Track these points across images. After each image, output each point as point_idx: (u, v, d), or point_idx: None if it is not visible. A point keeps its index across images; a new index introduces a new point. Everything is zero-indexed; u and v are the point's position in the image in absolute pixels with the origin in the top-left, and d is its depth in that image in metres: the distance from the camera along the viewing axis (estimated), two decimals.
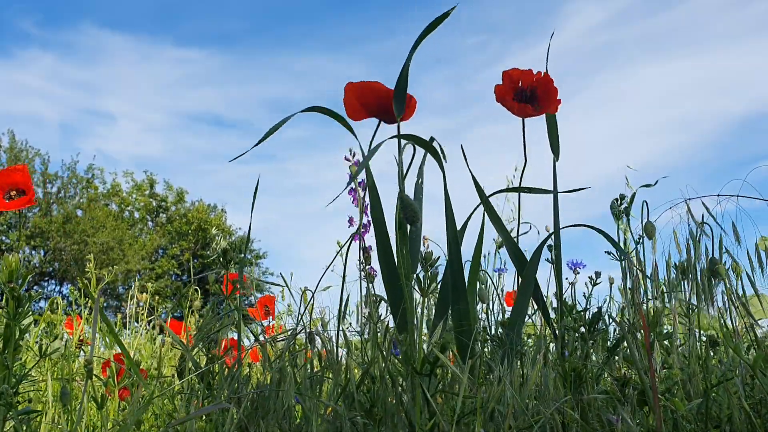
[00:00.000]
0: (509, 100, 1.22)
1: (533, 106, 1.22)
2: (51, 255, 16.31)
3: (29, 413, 0.86)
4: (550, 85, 1.21)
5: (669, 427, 0.87)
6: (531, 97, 1.22)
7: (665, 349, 1.05)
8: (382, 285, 1.07)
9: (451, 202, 1.11)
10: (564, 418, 0.90)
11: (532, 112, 1.22)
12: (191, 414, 0.88)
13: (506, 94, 1.23)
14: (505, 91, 1.23)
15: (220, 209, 19.71)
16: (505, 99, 1.23)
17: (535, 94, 1.22)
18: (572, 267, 1.60)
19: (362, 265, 1.23)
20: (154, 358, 2.00)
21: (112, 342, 1.83)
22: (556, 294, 1.13)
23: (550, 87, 1.21)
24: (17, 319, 0.82)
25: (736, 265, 1.20)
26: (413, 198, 1.16)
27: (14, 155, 16.37)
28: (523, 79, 1.22)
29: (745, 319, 1.06)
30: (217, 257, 1.11)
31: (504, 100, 1.23)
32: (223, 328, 1.06)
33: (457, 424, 0.82)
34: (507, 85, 1.23)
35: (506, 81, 1.23)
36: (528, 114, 1.23)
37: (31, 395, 1.44)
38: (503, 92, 1.23)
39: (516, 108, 1.22)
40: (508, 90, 1.23)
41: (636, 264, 1.15)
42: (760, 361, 0.88)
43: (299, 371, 1.02)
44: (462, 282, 1.06)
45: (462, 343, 1.03)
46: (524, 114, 1.23)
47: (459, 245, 1.09)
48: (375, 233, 1.06)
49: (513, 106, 1.22)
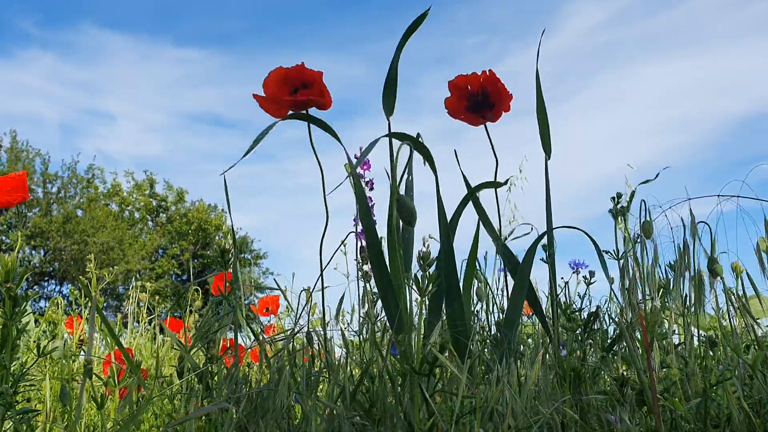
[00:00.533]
0: (462, 112, 1.19)
1: (488, 108, 1.18)
2: (51, 255, 16.32)
3: (28, 413, 0.86)
4: (497, 82, 1.17)
5: (668, 427, 0.87)
6: (483, 99, 1.18)
7: (664, 349, 1.05)
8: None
9: (443, 201, 1.11)
10: (563, 418, 0.90)
11: (491, 119, 1.19)
12: (191, 414, 0.88)
13: (458, 106, 1.19)
14: (456, 102, 1.19)
15: (220, 209, 19.72)
16: (457, 112, 1.19)
17: (486, 93, 1.18)
18: (574, 267, 1.60)
19: (360, 264, 1.23)
20: (154, 358, 2.00)
21: (112, 342, 1.83)
22: (549, 294, 1.13)
23: (498, 85, 1.17)
24: (14, 318, 0.82)
25: (737, 264, 1.20)
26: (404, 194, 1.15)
27: (15, 155, 16.37)
28: (470, 83, 1.18)
29: (745, 318, 1.06)
30: (217, 257, 1.11)
31: (457, 113, 1.20)
32: (222, 328, 1.06)
33: (455, 424, 0.82)
34: (456, 94, 1.19)
35: (454, 92, 1.19)
36: (482, 122, 1.20)
37: (30, 395, 1.44)
38: (454, 105, 1.19)
39: (472, 119, 1.19)
40: (458, 100, 1.19)
41: (634, 264, 1.15)
42: (760, 360, 0.88)
43: (298, 371, 1.02)
44: (456, 281, 1.05)
45: (458, 344, 1.02)
46: (479, 123, 1.20)
47: (451, 244, 1.09)
48: (366, 238, 1.04)
49: (468, 118, 1.19)
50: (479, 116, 1.20)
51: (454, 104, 1.20)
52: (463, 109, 1.20)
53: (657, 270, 1.09)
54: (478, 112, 1.20)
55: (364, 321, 1.15)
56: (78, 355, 1.69)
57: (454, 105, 1.20)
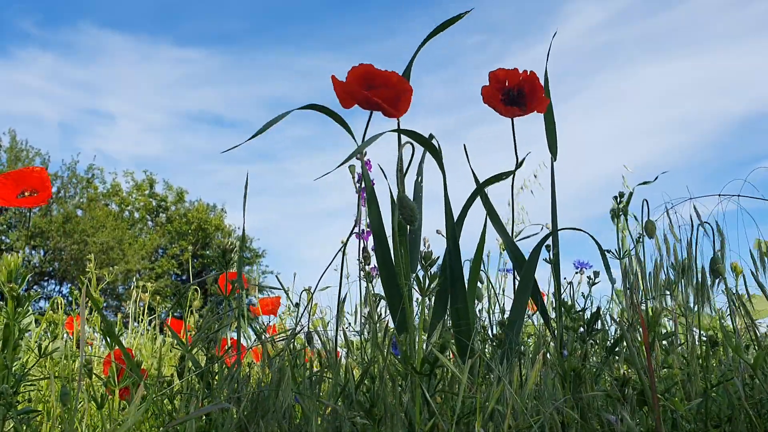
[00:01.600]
0: (497, 102, 1.23)
1: (521, 105, 1.22)
2: (51, 255, 16.31)
3: (29, 413, 0.86)
4: (536, 83, 1.21)
5: (668, 426, 0.87)
6: (518, 96, 1.23)
7: (665, 349, 1.05)
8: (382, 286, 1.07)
9: (450, 201, 1.11)
10: (563, 417, 0.90)
11: (520, 113, 1.23)
12: (191, 414, 0.88)
13: (493, 96, 1.23)
14: (492, 92, 1.23)
15: (219, 209, 19.72)
16: (492, 101, 1.23)
17: (522, 93, 1.22)
18: (578, 267, 1.60)
19: (362, 264, 1.23)
20: (154, 357, 2.00)
21: (113, 342, 1.83)
22: (554, 294, 1.13)
23: (536, 85, 1.21)
24: (16, 318, 0.82)
25: (737, 264, 1.20)
26: (413, 197, 1.15)
27: (15, 155, 16.36)
28: (509, 78, 1.22)
29: (745, 318, 1.06)
30: (217, 257, 1.11)
31: (491, 101, 1.23)
32: (222, 327, 1.06)
33: (456, 424, 0.82)
34: (494, 86, 1.23)
35: (493, 82, 1.23)
36: (515, 115, 1.23)
37: (31, 395, 1.44)
38: (490, 94, 1.23)
39: (503, 110, 1.23)
40: (495, 91, 1.23)
41: (635, 263, 1.15)
42: (761, 360, 0.88)
43: (299, 371, 1.02)
44: (461, 281, 1.06)
45: (461, 343, 1.03)
46: (512, 115, 1.24)
47: (457, 244, 1.09)
48: (373, 236, 1.06)
49: (500, 108, 1.23)
50: (511, 108, 1.23)
51: (489, 93, 1.24)
52: (498, 99, 1.23)
53: (662, 270, 1.09)
54: (511, 105, 1.24)
55: (365, 321, 1.15)
56: (78, 355, 1.68)
57: (490, 94, 1.24)
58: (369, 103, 1.08)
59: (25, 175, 1.51)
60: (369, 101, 1.07)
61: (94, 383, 1.32)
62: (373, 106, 1.09)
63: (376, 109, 1.10)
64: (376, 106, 1.09)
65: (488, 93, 1.23)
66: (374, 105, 1.08)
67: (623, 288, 1.11)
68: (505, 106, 1.22)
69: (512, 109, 1.22)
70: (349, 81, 1.08)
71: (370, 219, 1.08)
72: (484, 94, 1.24)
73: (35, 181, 1.50)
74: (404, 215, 0.89)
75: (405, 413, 0.86)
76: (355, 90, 1.07)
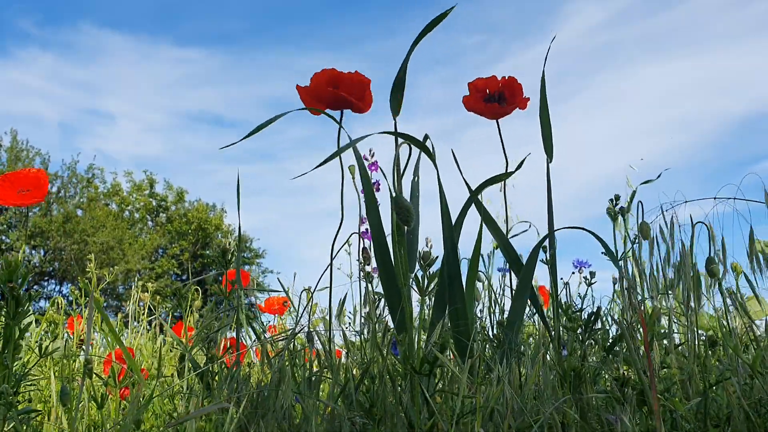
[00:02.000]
0: (479, 106, 1.26)
1: (501, 103, 1.26)
2: (51, 255, 16.31)
3: (29, 413, 0.86)
4: (515, 85, 1.25)
5: (668, 426, 0.88)
6: (499, 99, 1.26)
7: (664, 349, 1.05)
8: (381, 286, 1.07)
9: (448, 201, 1.11)
10: (563, 417, 0.90)
11: (502, 111, 1.26)
12: (191, 414, 0.88)
13: (475, 103, 1.27)
14: (474, 100, 1.27)
15: (219, 209, 19.72)
16: (474, 107, 1.27)
17: (503, 96, 1.26)
18: (577, 266, 1.60)
19: (361, 264, 1.23)
20: (154, 357, 2.00)
21: (113, 342, 1.84)
22: (551, 294, 1.13)
23: (515, 87, 1.25)
24: (17, 318, 0.82)
25: (736, 265, 1.20)
26: (410, 197, 1.16)
27: (15, 155, 16.37)
28: (489, 86, 1.26)
29: (744, 318, 1.06)
30: (218, 257, 1.11)
31: (474, 108, 1.27)
32: (222, 327, 1.06)
33: (456, 424, 0.82)
34: (474, 95, 1.27)
35: (473, 91, 1.27)
36: (498, 113, 1.26)
37: (31, 395, 1.44)
38: (472, 102, 1.27)
39: (485, 109, 1.26)
40: (476, 99, 1.27)
41: (633, 264, 1.15)
42: (759, 360, 0.88)
43: (299, 371, 1.02)
44: (459, 281, 1.06)
45: (460, 343, 1.03)
46: (495, 115, 1.27)
47: (455, 245, 1.09)
48: (371, 236, 1.06)
49: (483, 110, 1.27)
50: (494, 106, 1.27)
51: (471, 101, 1.28)
52: (481, 104, 1.27)
53: (660, 270, 1.09)
54: (493, 103, 1.28)
55: (365, 321, 1.15)
56: (78, 354, 1.69)
57: (471, 102, 1.28)
58: (337, 100, 1.12)
59: (22, 177, 1.53)
60: (337, 98, 1.11)
61: (94, 383, 1.33)
62: (341, 104, 1.13)
63: (345, 106, 1.13)
64: (344, 103, 1.12)
65: (470, 102, 1.27)
66: (342, 101, 1.12)
67: (620, 288, 1.11)
68: (487, 105, 1.26)
69: (493, 107, 1.26)
70: (314, 85, 1.11)
71: (369, 219, 1.08)
72: (466, 104, 1.28)
73: (32, 180, 1.52)
74: (400, 216, 0.89)
75: (405, 413, 0.86)
76: (322, 91, 1.10)
